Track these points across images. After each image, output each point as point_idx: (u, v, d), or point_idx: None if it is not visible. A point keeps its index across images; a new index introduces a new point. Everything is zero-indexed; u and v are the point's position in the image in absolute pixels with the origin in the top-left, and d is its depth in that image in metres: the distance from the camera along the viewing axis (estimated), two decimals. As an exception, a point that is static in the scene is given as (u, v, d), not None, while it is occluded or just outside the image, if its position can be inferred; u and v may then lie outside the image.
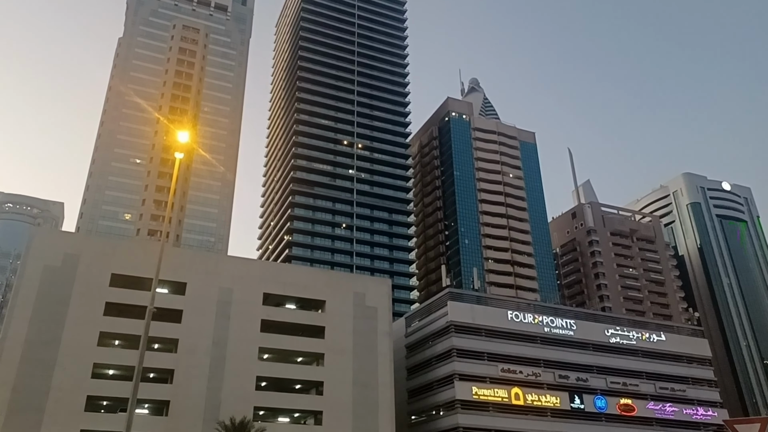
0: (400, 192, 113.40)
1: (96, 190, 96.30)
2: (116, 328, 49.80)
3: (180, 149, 23.54)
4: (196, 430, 48.02)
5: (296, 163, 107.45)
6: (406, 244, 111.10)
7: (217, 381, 51.79)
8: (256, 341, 54.66)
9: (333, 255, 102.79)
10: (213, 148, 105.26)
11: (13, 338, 47.30)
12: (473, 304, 69.32)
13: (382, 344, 59.55)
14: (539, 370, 67.10)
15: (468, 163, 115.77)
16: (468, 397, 62.83)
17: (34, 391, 45.83)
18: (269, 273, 62.75)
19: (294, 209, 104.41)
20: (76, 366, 47.63)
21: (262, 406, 53.48)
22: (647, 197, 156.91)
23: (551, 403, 66.30)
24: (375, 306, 61.15)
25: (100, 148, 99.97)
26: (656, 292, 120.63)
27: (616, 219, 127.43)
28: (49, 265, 50.34)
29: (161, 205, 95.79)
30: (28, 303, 48.66)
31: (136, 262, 51.43)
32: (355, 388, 56.19)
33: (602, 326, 74.75)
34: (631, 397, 70.72)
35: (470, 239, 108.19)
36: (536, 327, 69.74)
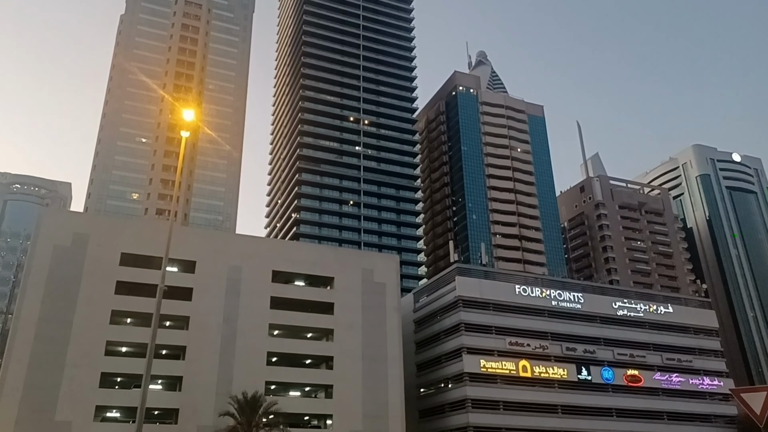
0: (407, 168, 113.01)
1: (103, 170, 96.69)
2: (127, 306, 50.48)
3: (186, 128, 23.49)
4: (209, 404, 48.92)
5: (302, 140, 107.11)
6: (414, 220, 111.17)
7: (229, 357, 52.59)
8: (266, 318, 55.32)
9: (341, 232, 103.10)
10: (218, 126, 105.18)
11: (26, 317, 48.11)
12: (481, 279, 69.70)
13: (390, 319, 60.17)
14: (547, 342, 67.74)
15: (475, 138, 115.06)
16: (476, 370, 63.66)
17: (49, 368, 46.72)
18: (278, 250, 63.26)
19: (301, 187, 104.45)
20: (90, 343, 48.44)
21: (274, 381, 54.38)
22: (656, 170, 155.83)
23: (558, 375, 67.08)
24: (383, 282, 61.63)
25: (106, 127, 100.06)
26: (664, 264, 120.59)
27: (624, 192, 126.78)
28: (59, 245, 50.88)
29: (168, 184, 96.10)
30: (40, 282, 49.33)
31: (145, 241, 51.89)
32: (365, 362, 56.98)
33: (610, 299, 75.10)
34: (638, 368, 71.37)
35: (478, 214, 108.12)
36: (544, 301, 70.11)
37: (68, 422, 45.84)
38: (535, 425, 62.23)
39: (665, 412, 70.42)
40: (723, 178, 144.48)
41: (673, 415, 70.49)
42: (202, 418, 47.85)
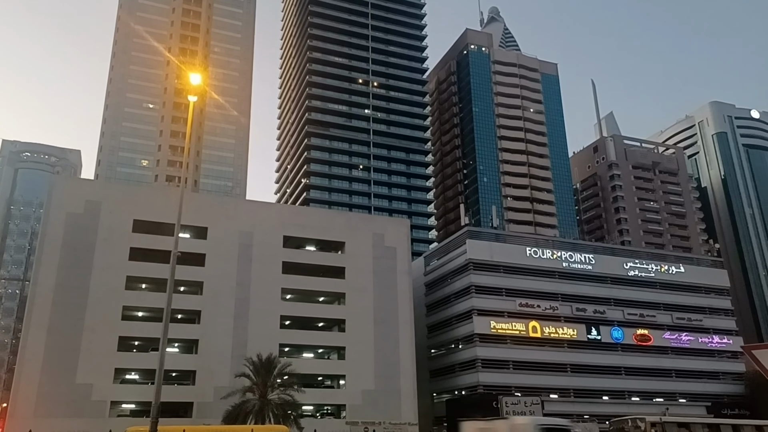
0: (417, 131, 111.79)
1: (111, 137, 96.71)
2: (142, 272, 51.28)
3: (193, 92, 23.20)
4: (225, 366, 50.06)
5: (311, 104, 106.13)
6: (424, 184, 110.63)
7: (243, 320, 53.59)
8: (279, 282, 56.06)
9: (351, 197, 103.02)
10: (225, 91, 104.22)
11: (43, 283, 49.11)
12: (492, 242, 69.89)
13: (401, 283, 60.77)
14: (557, 303, 68.26)
15: (487, 99, 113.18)
16: (486, 331, 64.54)
17: (68, 333, 47.87)
18: (288, 216, 63.62)
19: (310, 152, 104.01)
20: (106, 309, 49.48)
21: (287, 343, 55.47)
22: (671, 128, 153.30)
23: (568, 335, 67.86)
24: (394, 246, 62.00)
25: (112, 93, 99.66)
26: (677, 224, 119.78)
27: (638, 152, 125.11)
28: (72, 212, 51.46)
29: (177, 151, 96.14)
30: (55, 250, 50.14)
31: (157, 207, 52.35)
32: (376, 324, 57.83)
33: (621, 260, 75.13)
34: (648, 327, 71.94)
35: (489, 177, 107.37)
36: (554, 262, 70.28)
37: (89, 384, 47.23)
38: (544, 383, 63.25)
39: (674, 370, 71.31)
40: (740, 136, 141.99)
41: (682, 373, 71.39)
42: (219, 380, 49.02)
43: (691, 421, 31.17)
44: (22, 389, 46.29)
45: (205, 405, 48.28)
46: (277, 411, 42.50)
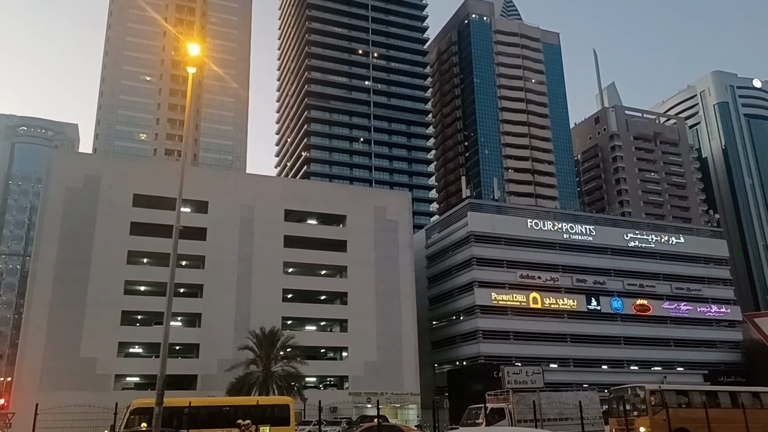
0: (418, 103, 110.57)
1: (109, 110, 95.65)
2: (143, 246, 51.22)
3: (191, 63, 22.68)
4: (228, 339, 50.40)
5: (310, 75, 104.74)
6: (425, 157, 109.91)
7: (245, 294, 53.77)
8: (280, 256, 56.12)
9: (351, 170, 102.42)
10: (223, 62, 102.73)
11: (44, 258, 49.08)
12: (493, 214, 69.84)
13: (403, 256, 60.89)
14: (557, 275, 68.55)
15: (488, 69, 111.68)
16: (487, 303, 64.95)
17: (70, 307, 48.02)
18: (289, 190, 63.41)
19: (310, 124, 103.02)
20: (109, 283, 49.56)
21: (290, 316, 55.78)
22: (673, 98, 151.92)
23: (568, 306, 68.36)
24: (395, 219, 61.95)
25: (109, 65, 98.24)
26: (677, 195, 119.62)
27: (639, 123, 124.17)
28: (71, 186, 51.19)
29: (176, 124, 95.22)
30: (55, 224, 49.99)
31: (157, 182, 52.07)
32: (378, 297, 58.10)
33: (621, 231, 75.23)
34: (647, 297, 72.45)
35: (490, 149, 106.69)
36: (555, 234, 70.36)
37: (93, 358, 47.59)
38: (544, 353, 63.84)
39: (672, 339, 72.06)
40: (742, 106, 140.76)
41: (680, 342, 72.17)
42: (222, 352, 49.41)
43: (690, 388, 31.46)
44: (27, 363, 46.67)
45: (209, 377, 48.75)
46: (281, 383, 42.91)
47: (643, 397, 25.99)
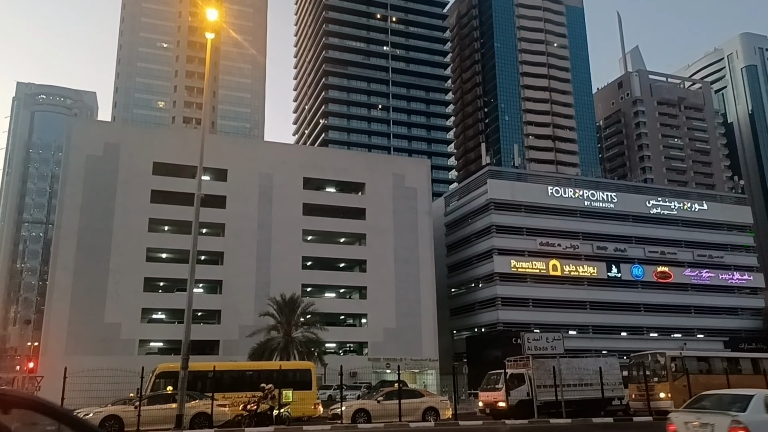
0: (437, 68, 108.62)
1: (126, 78, 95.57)
2: (164, 214, 51.62)
3: (209, 29, 22.32)
4: (249, 305, 51.00)
5: (328, 41, 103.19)
6: (444, 123, 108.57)
7: (265, 261, 54.19)
8: (299, 224, 56.27)
9: (370, 137, 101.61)
10: (240, 28, 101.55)
11: (67, 226, 49.75)
12: (513, 181, 69.10)
13: (422, 223, 60.70)
14: (578, 242, 68.01)
15: (509, 33, 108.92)
16: (506, 270, 64.80)
17: (94, 274, 48.80)
18: (308, 157, 63.16)
19: (328, 91, 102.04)
20: (131, 251, 50.19)
21: (309, 283, 56.16)
22: (699, 62, 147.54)
23: (588, 273, 67.96)
24: (414, 187, 61.60)
25: (125, 32, 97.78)
26: (701, 161, 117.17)
27: (663, 87, 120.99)
28: (92, 155, 51.49)
29: (193, 92, 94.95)
30: (76, 192, 50.50)
31: (176, 150, 52.16)
32: (397, 264, 58.19)
33: (643, 197, 74.14)
34: (669, 264, 71.70)
35: (510, 115, 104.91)
36: (576, 201, 69.58)
37: (117, 324, 48.56)
38: (563, 320, 63.75)
39: (693, 306, 71.44)
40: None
41: (701, 309, 71.53)
42: (243, 319, 50.06)
43: (711, 355, 31.20)
44: (53, 329, 47.76)
45: (230, 343, 49.54)
46: (301, 348, 43.44)
47: (663, 363, 25.82)
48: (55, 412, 4.10)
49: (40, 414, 4.11)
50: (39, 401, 4.19)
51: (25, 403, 4.15)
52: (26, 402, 4.19)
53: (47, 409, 4.07)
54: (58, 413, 4.13)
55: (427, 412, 25.07)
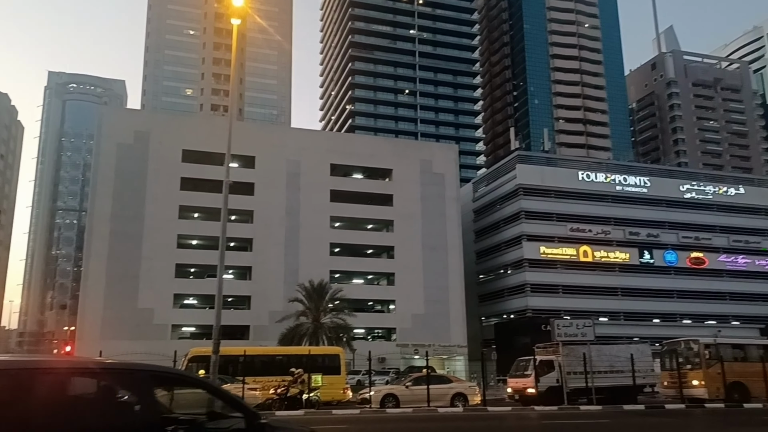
0: (465, 51, 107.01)
1: (154, 66, 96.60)
2: (194, 201, 52.28)
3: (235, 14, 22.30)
4: (278, 291, 51.48)
5: (354, 25, 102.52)
6: (472, 108, 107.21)
7: (293, 248, 54.57)
8: (327, 210, 56.43)
9: (397, 123, 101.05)
10: (266, 14, 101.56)
11: (99, 214, 50.83)
12: (543, 166, 68.14)
13: (449, 209, 60.32)
14: (609, 227, 66.85)
15: (539, 15, 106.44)
16: (535, 256, 64.14)
17: (126, 261, 49.82)
18: (335, 144, 63.21)
19: (354, 77, 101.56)
20: (162, 237, 51.02)
21: (337, 270, 56.34)
22: (736, 41, 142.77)
23: (620, 259, 66.84)
24: (442, 172, 61.17)
25: (153, 20, 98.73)
26: (738, 144, 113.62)
27: (699, 68, 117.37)
28: (122, 143, 52.34)
29: (220, 79, 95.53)
30: (108, 180, 51.46)
31: (204, 137, 52.64)
32: (425, 250, 58.01)
33: (677, 182, 72.31)
34: (703, 250, 70.01)
35: (540, 99, 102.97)
36: (608, 186, 68.30)
37: (150, 309, 49.55)
38: (593, 307, 62.77)
39: (728, 293, 69.69)
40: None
41: (736, 295, 69.70)
42: (273, 304, 50.54)
43: (746, 342, 30.39)
44: (88, 314, 49.00)
45: (260, 328, 50.13)
46: (330, 333, 43.72)
47: (697, 350, 25.31)
48: (205, 385, 4.96)
49: (191, 387, 5.11)
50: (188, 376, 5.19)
51: (180, 380, 5.11)
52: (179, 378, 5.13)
53: (197, 383, 4.98)
54: (204, 384, 4.99)
55: (456, 398, 25.02)
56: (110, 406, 4.41)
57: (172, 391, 5.35)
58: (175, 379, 5.17)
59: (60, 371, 4.40)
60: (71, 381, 4.37)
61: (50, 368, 4.41)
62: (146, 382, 4.51)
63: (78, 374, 4.53)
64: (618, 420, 19.32)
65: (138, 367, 4.76)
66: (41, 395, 4.04)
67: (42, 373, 4.21)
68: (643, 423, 18.95)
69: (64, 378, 4.33)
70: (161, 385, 4.82)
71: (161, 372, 5.10)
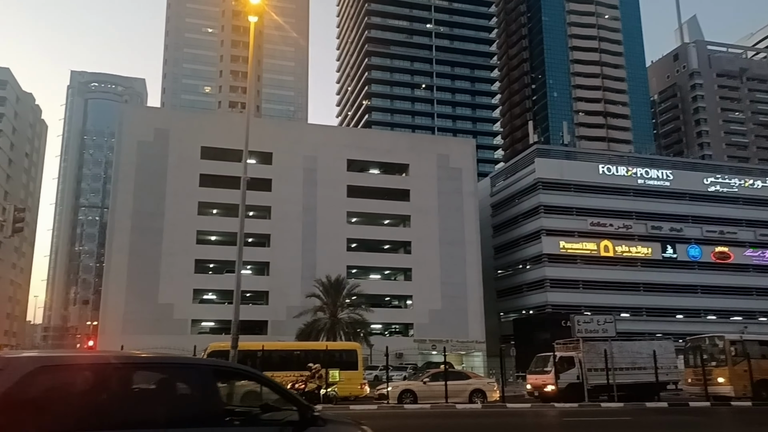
0: (482, 45, 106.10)
1: (174, 64, 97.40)
2: (212, 198, 52.59)
3: (252, 12, 22.24)
4: (295, 287, 51.62)
5: (370, 20, 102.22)
6: (490, 102, 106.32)
7: (311, 243, 54.67)
8: (344, 206, 56.41)
9: (413, 118, 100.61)
10: (282, 11, 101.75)
11: (121, 210, 51.43)
12: (562, 160, 67.28)
13: (467, 204, 59.91)
14: (631, 222, 65.88)
15: (558, 6, 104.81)
16: (555, 251, 63.48)
17: (147, 256, 50.36)
18: (351, 139, 63.13)
19: (371, 72, 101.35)
20: (182, 233, 51.47)
21: (354, 265, 56.39)
22: (763, 30, 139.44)
23: (642, 254, 65.86)
24: (459, 167, 60.76)
25: (172, 18, 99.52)
26: (764, 135, 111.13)
27: (724, 58, 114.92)
28: (143, 140, 52.84)
29: (238, 76, 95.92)
30: (129, 177, 52.02)
31: (223, 134, 52.86)
32: (442, 246, 57.71)
33: (701, 175, 70.94)
34: (728, 244, 68.63)
35: (559, 91, 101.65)
36: (629, 179, 67.28)
37: (170, 304, 50.02)
38: (615, 302, 61.99)
39: (754, 288, 68.29)
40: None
41: (763, 291, 68.28)
42: (290, 300, 50.71)
43: (775, 339, 29.59)
44: (110, 309, 49.63)
45: (278, 323, 50.34)
46: (347, 329, 43.73)
47: (722, 347, 24.70)
48: (261, 379, 5.30)
49: (247, 381, 5.44)
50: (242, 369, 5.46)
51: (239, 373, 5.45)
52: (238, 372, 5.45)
53: (250, 375, 5.29)
54: (261, 378, 5.31)
55: (474, 394, 24.78)
56: (182, 398, 4.74)
57: (230, 385, 5.68)
58: (234, 373, 5.55)
59: (144, 365, 4.88)
60: (153, 374, 4.77)
61: (141, 363, 4.94)
62: (210, 375, 4.81)
63: (158, 369, 4.90)
64: (640, 417, 18.93)
65: (202, 362, 5.38)
66: (133, 386, 4.56)
67: (135, 367, 4.71)
68: (665, 421, 18.54)
69: (148, 372, 4.79)
70: (221, 379, 5.09)
71: (222, 366, 5.63)
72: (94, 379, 4.24)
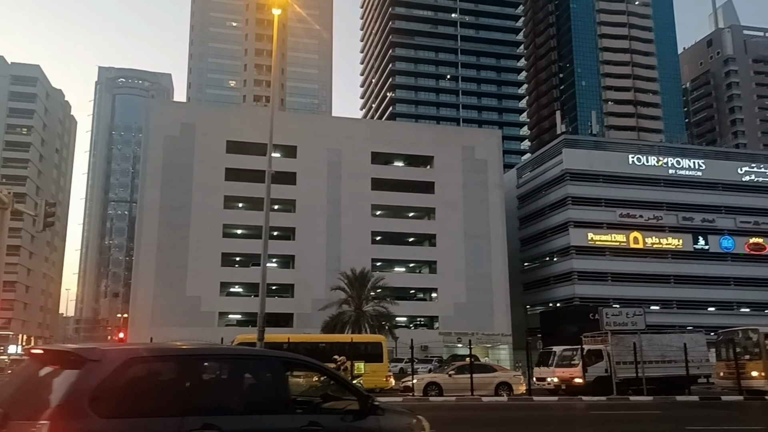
0: (508, 34, 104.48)
1: (199, 59, 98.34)
2: (238, 191, 53.09)
3: (276, 4, 22.21)
4: (320, 279, 51.83)
5: (394, 11, 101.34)
6: (516, 92, 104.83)
7: (335, 236, 54.77)
8: (368, 199, 56.36)
9: (438, 109, 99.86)
10: (306, 4, 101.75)
11: (149, 204, 52.22)
12: (590, 150, 66.07)
13: (493, 196, 59.36)
14: (661, 213, 64.50)
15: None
16: (583, 243, 62.54)
17: (175, 250, 51.08)
18: (375, 132, 62.98)
19: (395, 63, 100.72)
20: (208, 227, 52.05)
21: (379, 258, 56.37)
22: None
23: (673, 245, 64.49)
24: (485, 159, 60.21)
25: (197, 13, 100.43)
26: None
27: (760, 43, 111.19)
28: (169, 135, 53.51)
29: (262, 70, 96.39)
30: (156, 171, 52.76)
31: (247, 128, 53.19)
32: (467, 238, 57.29)
33: (735, 164, 68.99)
34: (763, 235, 66.76)
35: (588, 80, 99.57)
36: (660, 169, 65.78)
37: (198, 297, 50.70)
38: (644, 295, 60.82)
39: (790, 280, 66.35)
40: None
41: (800, 283, 66.32)
42: (315, 292, 50.93)
43: (812, 332, 28.61)
44: (139, 302, 50.53)
45: (304, 316, 50.62)
46: (372, 321, 43.69)
47: (756, 340, 23.98)
48: (325, 370, 5.70)
49: (312, 372, 5.93)
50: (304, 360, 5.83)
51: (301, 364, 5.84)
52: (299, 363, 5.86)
53: (313, 366, 5.62)
54: (325, 370, 5.72)
55: (500, 387, 24.51)
56: (256, 388, 5.10)
57: (297, 376, 6.11)
58: (300, 365, 5.90)
59: (222, 357, 5.29)
60: (230, 366, 5.14)
61: (220, 355, 5.42)
62: (280, 367, 5.11)
63: (234, 361, 5.28)
64: (670, 411, 18.49)
65: (273, 354, 5.79)
66: (213, 376, 5.04)
67: (213, 359, 5.16)
68: (696, 414, 18.06)
69: (225, 363, 5.16)
70: (290, 370, 5.41)
71: (290, 358, 5.98)
72: (178, 369, 4.61)
